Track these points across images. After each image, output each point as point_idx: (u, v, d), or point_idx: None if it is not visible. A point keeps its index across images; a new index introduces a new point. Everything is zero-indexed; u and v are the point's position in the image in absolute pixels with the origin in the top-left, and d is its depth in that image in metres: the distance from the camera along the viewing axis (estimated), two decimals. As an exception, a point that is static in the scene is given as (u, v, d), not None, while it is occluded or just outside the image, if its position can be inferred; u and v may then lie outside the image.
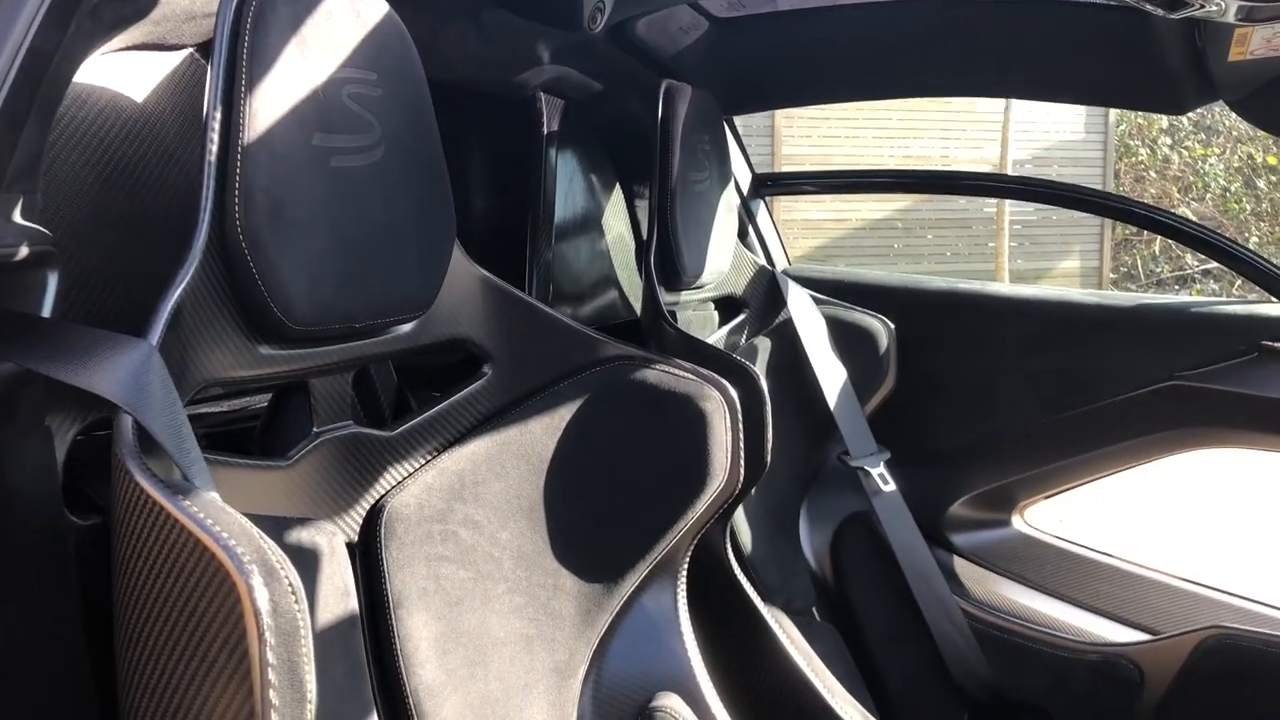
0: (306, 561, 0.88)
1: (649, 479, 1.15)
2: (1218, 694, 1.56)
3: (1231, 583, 1.82)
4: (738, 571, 1.34)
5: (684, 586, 1.19)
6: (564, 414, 1.13)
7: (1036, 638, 1.74)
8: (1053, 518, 1.96)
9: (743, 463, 1.16)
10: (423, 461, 1.04)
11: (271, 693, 0.55)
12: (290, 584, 0.57)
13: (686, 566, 1.19)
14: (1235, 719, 1.55)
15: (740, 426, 1.16)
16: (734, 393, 1.17)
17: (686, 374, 1.16)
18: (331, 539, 0.91)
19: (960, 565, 1.90)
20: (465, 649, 1.02)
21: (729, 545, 1.33)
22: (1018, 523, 1.95)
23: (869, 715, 1.50)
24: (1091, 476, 1.88)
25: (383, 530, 0.97)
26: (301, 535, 0.88)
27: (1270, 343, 1.62)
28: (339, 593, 0.91)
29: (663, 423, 1.14)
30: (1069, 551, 1.92)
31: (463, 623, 1.02)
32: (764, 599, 1.40)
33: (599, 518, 1.14)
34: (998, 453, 1.90)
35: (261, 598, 0.55)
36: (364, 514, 0.98)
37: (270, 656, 0.55)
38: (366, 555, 0.97)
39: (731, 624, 1.34)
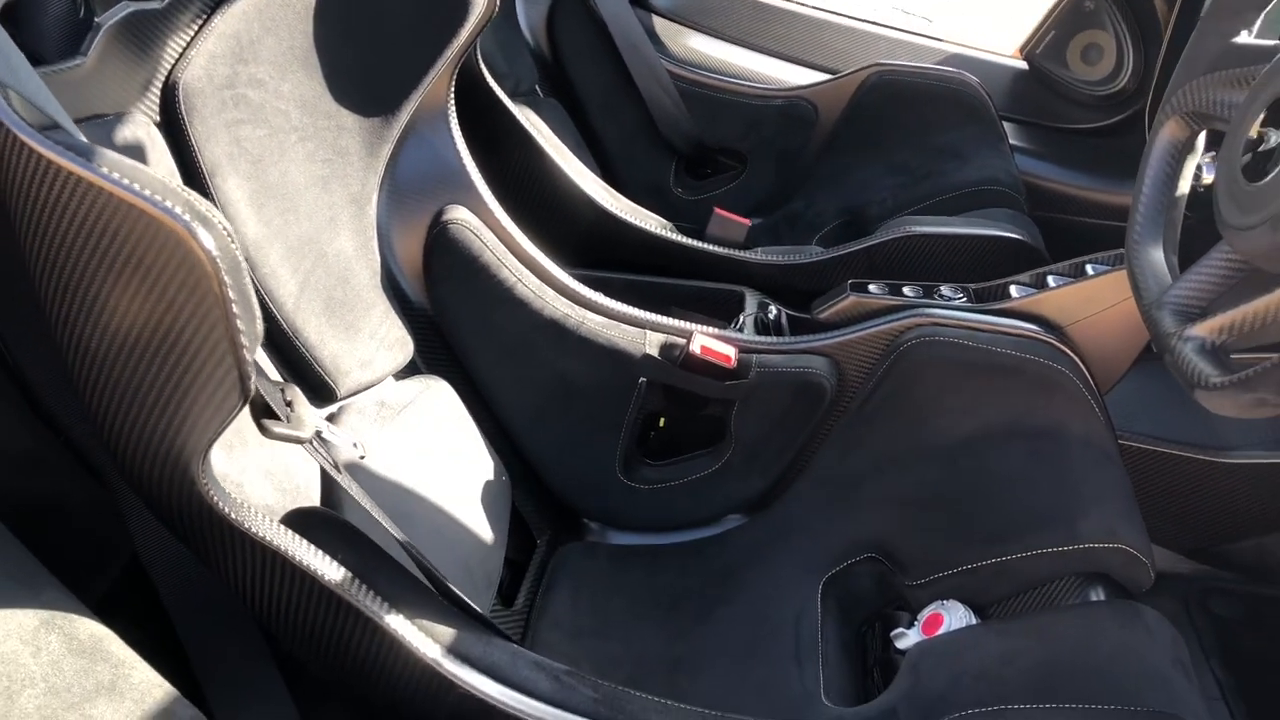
0: (135, 158, 0.91)
1: (413, 16, 1.19)
2: (875, 120, 1.89)
3: (898, 20, 2.09)
4: (489, 79, 1.44)
5: (454, 110, 1.29)
6: None
7: (732, 89, 1.97)
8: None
9: None
10: (196, 25, 1.03)
11: (238, 321, 0.66)
12: (223, 226, 0.65)
13: (454, 91, 1.28)
14: (891, 135, 1.88)
15: None
16: None
17: None
18: (148, 130, 0.94)
19: (661, 25, 2.05)
20: (276, 200, 1.10)
21: (479, 56, 1.41)
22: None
23: (604, 185, 1.71)
24: None
25: (182, 106, 0.99)
26: (125, 133, 0.91)
27: None
28: (167, 176, 0.96)
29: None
30: (757, 2, 2.12)
31: (268, 177, 1.09)
32: (498, 84, 1.51)
33: (369, 57, 1.18)
34: None
35: (209, 243, 0.63)
36: (159, 94, 0.99)
37: (230, 293, 0.65)
38: (174, 134, 1.00)
39: (488, 127, 1.46)
